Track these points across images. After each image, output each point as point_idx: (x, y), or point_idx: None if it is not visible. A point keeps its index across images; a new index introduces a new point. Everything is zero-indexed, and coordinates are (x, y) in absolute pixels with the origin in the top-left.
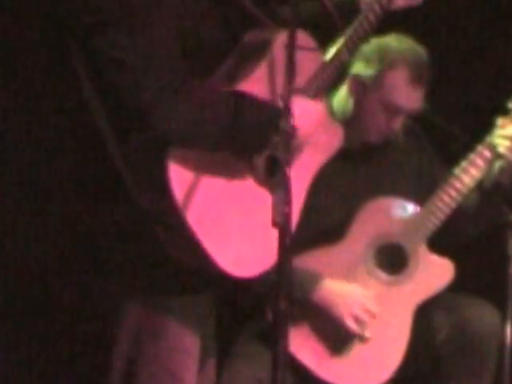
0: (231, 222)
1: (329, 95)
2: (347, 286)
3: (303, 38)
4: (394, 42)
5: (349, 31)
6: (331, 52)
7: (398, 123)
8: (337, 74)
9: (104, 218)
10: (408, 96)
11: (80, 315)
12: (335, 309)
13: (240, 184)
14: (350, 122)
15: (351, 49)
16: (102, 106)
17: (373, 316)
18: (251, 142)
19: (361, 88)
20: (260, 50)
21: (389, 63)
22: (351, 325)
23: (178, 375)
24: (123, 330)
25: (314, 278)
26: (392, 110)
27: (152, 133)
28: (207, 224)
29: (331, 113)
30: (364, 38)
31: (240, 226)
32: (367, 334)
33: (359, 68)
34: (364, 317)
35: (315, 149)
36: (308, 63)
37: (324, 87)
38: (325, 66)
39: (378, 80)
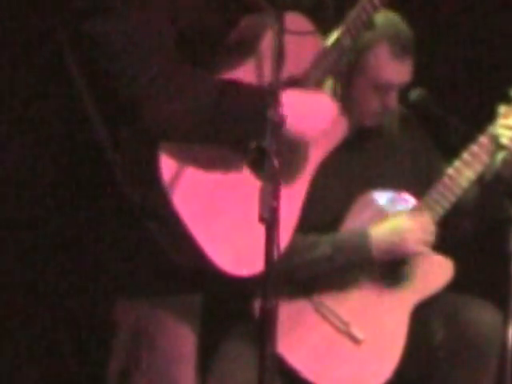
0: (228, 218)
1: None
2: (391, 222)
3: (300, 21)
4: None
5: (351, 16)
6: (332, 38)
7: (393, 100)
8: (339, 61)
9: (94, 214)
10: (395, 70)
11: (73, 318)
12: (399, 249)
13: (236, 177)
14: (341, 110)
15: (354, 34)
16: (93, 95)
17: (433, 235)
18: (236, 132)
19: (345, 74)
20: (256, 36)
21: (366, 44)
22: (424, 249)
23: (176, 381)
24: (119, 335)
25: (362, 236)
26: (382, 87)
27: (142, 123)
28: (202, 219)
29: None
30: (368, 23)
31: (237, 222)
32: (360, 335)
33: None
34: (427, 237)
35: (317, 140)
36: (307, 49)
37: (325, 75)
38: (326, 52)
39: (361, 63)
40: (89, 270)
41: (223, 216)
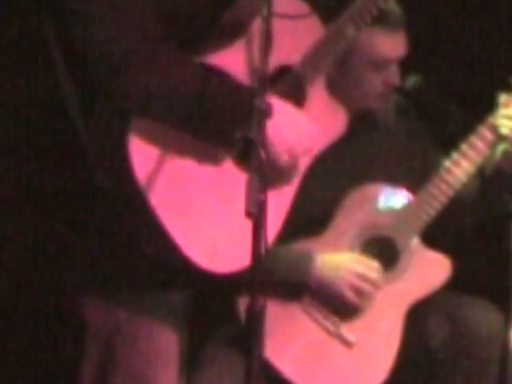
0: (204, 209)
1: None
2: (338, 257)
3: (297, 5)
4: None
5: (357, 4)
6: (333, 26)
7: (394, 75)
8: (341, 49)
9: (65, 200)
10: (389, 44)
11: (42, 316)
12: (332, 286)
13: (215, 165)
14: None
15: (358, 23)
16: (69, 67)
17: (374, 285)
18: (216, 121)
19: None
20: (249, 19)
21: None
22: (352, 297)
23: (154, 382)
24: (90, 334)
25: (307, 258)
26: (380, 64)
27: (114, 98)
28: (175, 210)
29: None
30: (375, 11)
31: (216, 214)
32: (352, 338)
33: None
34: (365, 287)
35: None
36: (305, 36)
37: (325, 64)
38: (325, 40)
39: (353, 44)
40: (57, 262)
41: (198, 208)
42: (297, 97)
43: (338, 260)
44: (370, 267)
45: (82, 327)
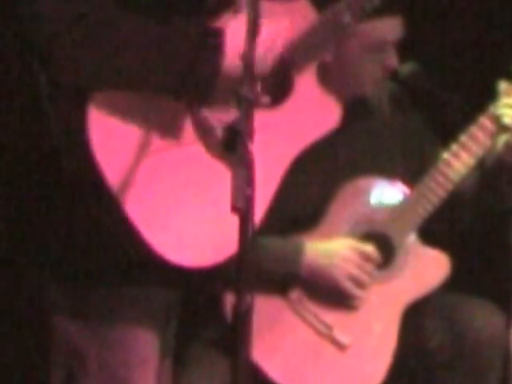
0: (171, 196)
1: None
2: (331, 244)
3: None
4: None
5: None
6: (328, 12)
7: (392, 58)
8: (335, 37)
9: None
10: (387, 26)
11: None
12: (327, 275)
13: (185, 148)
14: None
15: (355, 12)
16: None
17: (369, 275)
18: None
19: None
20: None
21: None
22: (350, 287)
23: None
24: (58, 335)
25: (298, 248)
26: (379, 47)
27: (53, 70)
28: (137, 193)
29: None
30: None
31: (185, 203)
32: (345, 340)
33: None
34: (361, 276)
35: (303, 125)
36: (296, 21)
37: (317, 52)
38: (318, 26)
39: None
40: (14, 253)
41: (166, 192)
42: (282, 84)
43: (332, 247)
44: (367, 254)
45: (47, 332)
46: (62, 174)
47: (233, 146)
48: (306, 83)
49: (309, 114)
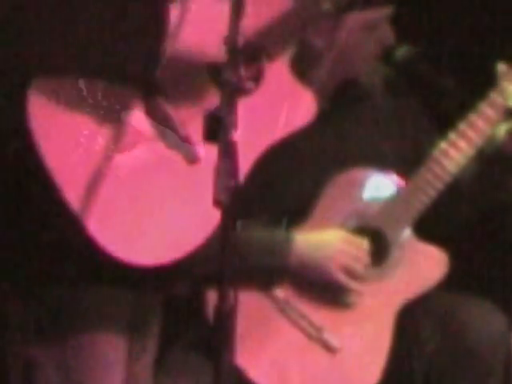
0: (121, 191)
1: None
2: (323, 235)
3: None
4: None
5: None
6: None
7: (386, 32)
8: (310, 25)
9: None
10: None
11: None
12: (320, 268)
13: (135, 132)
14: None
15: None
16: None
17: (365, 268)
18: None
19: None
20: None
21: None
22: (346, 279)
23: None
24: (14, 347)
25: (286, 239)
26: (372, 25)
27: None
28: (84, 190)
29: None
30: None
31: (135, 198)
32: (336, 342)
33: None
34: (357, 267)
35: (275, 117)
36: (271, 7)
37: (290, 39)
38: (295, 11)
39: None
40: None
41: (115, 191)
42: (250, 72)
43: (324, 238)
44: (360, 246)
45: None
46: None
47: (214, 136)
48: (278, 73)
49: (282, 105)
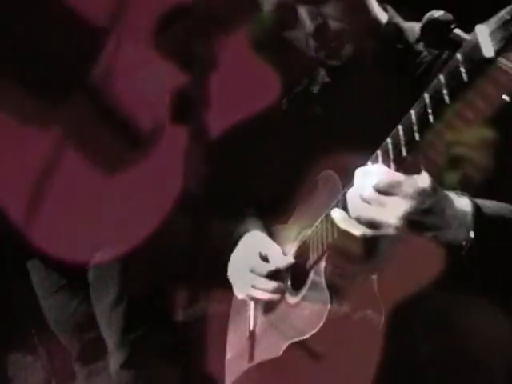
0: (54, 190)
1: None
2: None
3: None
4: None
5: None
6: None
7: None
8: None
9: None
10: None
11: None
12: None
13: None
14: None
15: None
16: None
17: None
18: None
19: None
20: None
21: None
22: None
23: None
24: None
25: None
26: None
27: None
28: (20, 194)
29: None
30: None
31: (68, 196)
32: (319, 349)
33: None
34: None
35: (236, 95)
36: None
37: (247, 12)
38: None
39: None
40: None
41: (46, 189)
42: (200, 46)
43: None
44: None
45: None
46: None
47: (183, 117)
48: (236, 49)
49: (243, 83)
